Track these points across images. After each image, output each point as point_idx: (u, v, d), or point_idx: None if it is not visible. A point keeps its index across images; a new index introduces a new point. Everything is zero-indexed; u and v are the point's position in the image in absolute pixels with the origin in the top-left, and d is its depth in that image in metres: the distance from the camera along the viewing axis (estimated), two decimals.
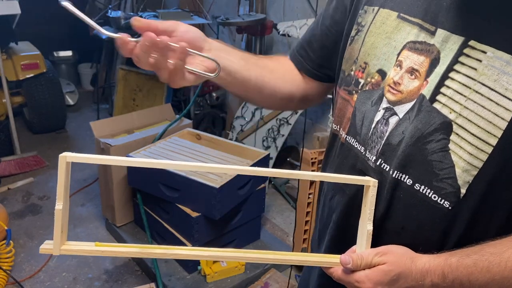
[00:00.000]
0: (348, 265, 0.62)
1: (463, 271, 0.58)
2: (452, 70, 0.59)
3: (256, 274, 2.01)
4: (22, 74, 3.14)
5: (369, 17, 0.70)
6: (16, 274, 2.02)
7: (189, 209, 1.89)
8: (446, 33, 0.59)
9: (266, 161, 2.09)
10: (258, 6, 2.83)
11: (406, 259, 0.61)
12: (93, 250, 0.60)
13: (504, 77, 0.54)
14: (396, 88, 0.64)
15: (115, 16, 3.27)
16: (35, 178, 2.86)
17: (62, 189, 0.54)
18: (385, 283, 0.60)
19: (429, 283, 0.60)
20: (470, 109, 0.57)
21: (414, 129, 0.62)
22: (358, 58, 0.71)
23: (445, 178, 0.60)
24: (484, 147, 0.56)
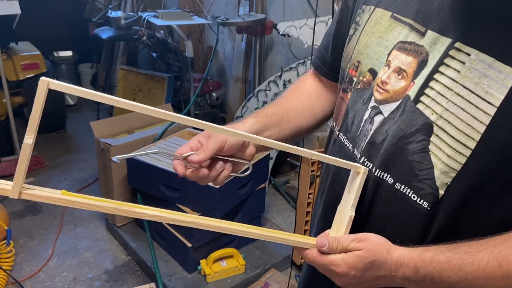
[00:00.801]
0: (323, 248, 0.62)
1: (435, 267, 0.58)
2: (437, 71, 0.59)
3: (256, 274, 2.01)
4: (22, 74, 3.14)
5: (365, 16, 0.71)
6: (16, 274, 2.02)
7: (189, 209, 1.89)
8: (435, 35, 0.59)
9: (266, 161, 2.09)
10: (258, 6, 2.83)
11: (382, 248, 0.61)
12: (59, 198, 0.53)
13: (485, 80, 0.54)
14: (383, 87, 0.65)
15: (115, 16, 3.27)
16: (35, 178, 2.86)
17: (37, 119, 0.47)
18: (359, 269, 0.60)
19: (401, 275, 0.60)
20: (450, 111, 0.57)
21: (397, 129, 0.62)
22: (352, 57, 0.72)
23: (424, 178, 0.60)
24: (463, 150, 0.56)
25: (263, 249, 2.16)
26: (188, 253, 1.93)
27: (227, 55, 3.63)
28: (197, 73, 3.49)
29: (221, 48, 3.64)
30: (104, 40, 3.23)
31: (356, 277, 0.61)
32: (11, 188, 0.50)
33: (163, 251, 2.10)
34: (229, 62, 3.57)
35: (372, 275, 0.61)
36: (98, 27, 3.56)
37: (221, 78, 3.70)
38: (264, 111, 0.79)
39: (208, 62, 2.95)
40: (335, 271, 0.61)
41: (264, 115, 0.78)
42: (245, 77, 3.19)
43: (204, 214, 1.84)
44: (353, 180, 0.66)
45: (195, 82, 3.21)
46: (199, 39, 3.68)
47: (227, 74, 3.66)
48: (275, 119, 0.78)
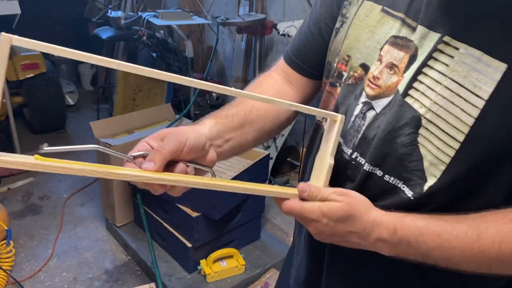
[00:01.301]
0: (304, 193, 0.62)
1: (414, 230, 0.57)
2: (426, 65, 0.59)
3: (256, 274, 2.01)
4: (22, 74, 3.14)
5: (353, 9, 0.69)
6: (16, 274, 2.02)
7: (189, 209, 1.89)
8: (424, 30, 0.59)
9: (266, 161, 2.09)
10: (258, 6, 2.83)
11: (362, 205, 0.61)
12: (32, 164, 0.49)
13: (473, 74, 0.54)
14: (375, 82, 0.64)
15: (115, 16, 3.27)
16: (35, 178, 2.86)
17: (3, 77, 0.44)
18: (333, 218, 0.60)
19: (376, 235, 0.59)
20: (439, 104, 0.57)
21: (386, 123, 0.62)
22: (341, 51, 0.70)
23: (413, 169, 0.60)
24: (452, 143, 0.57)
25: (263, 249, 2.16)
26: (188, 253, 1.93)
27: (227, 55, 3.63)
28: (197, 73, 3.49)
29: (221, 48, 3.64)
30: (104, 40, 3.24)
31: (328, 227, 0.60)
32: None
33: (163, 251, 2.10)
34: (229, 62, 3.57)
35: (345, 228, 0.60)
36: (98, 27, 3.56)
37: (221, 78, 3.70)
38: (223, 112, 0.72)
39: (208, 62, 2.95)
40: (308, 217, 0.61)
41: (224, 116, 0.71)
42: (245, 77, 3.19)
43: (204, 214, 1.85)
44: (330, 129, 0.66)
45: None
46: (199, 39, 3.68)
47: (227, 74, 3.66)
48: (237, 120, 0.72)
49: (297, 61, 0.81)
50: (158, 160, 0.56)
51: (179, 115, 2.52)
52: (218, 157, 0.66)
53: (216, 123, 0.69)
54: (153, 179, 0.55)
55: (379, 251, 0.61)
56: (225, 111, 0.73)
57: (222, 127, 0.69)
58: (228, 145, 0.70)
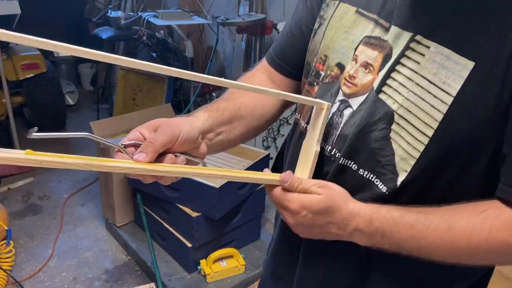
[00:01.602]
0: (285, 183, 0.63)
1: (389, 220, 0.59)
2: (399, 63, 0.61)
3: (256, 274, 2.01)
4: (22, 74, 3.14)
5: (330, 11, 0.72)
6: (16, 274, 2.02)
7: (189, 209, 1.89)
8: (398, 30, 0.61)
9: (266, 161, 2.09)
10: (258, 6, 2.83)
11: (340, 197, 0.62)
12: (24, 159, 0.48)
13: (443, 71, 0.56)
14: (351, 81, 0.66)
15: (115, 16, 3.27)
16: (35, 178, 2.86)
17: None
18: (312, 210, 0.61)
19: (353, 226, 0.61)
20: (411, 100, 0.59)
21: (360, 118, 0.64)
22: (319, 51, 0.72)
23: (386, 164, 0.62)
24: (422, 138, 0.58)
25: (263, 249, 2.16)
26: (188, 253, 1.93)
27: (227, 55, 3.63)
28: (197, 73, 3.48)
29: (221, 48, 3.64)
30: (104, 40, 3.24)
31: (307, 218, 0.61)
32: None
33: (163, 251, 2.10)
34: (229, 62, 3.57)
35: (324, 220, 0.62)
36: (98, 27, 3.57)
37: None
38: (214, 106, 0.73)
39: (208, 62, 2.95)
40: (288, 207, 0.62)
41: (215, 109, 0.71)
42: None
43: (204, 214, 1.85)
44: (317, 117, 0.67)
45: (195, 82, 3.21)
46: (199, 39, 3.68)
47: (227, 74, 3.66)
48: (227, 114, 0.72)
49: (279, 62, 0.83)
50: (150, 152, 0.56)
51: (179, 115, 2.52)
52: (208, 150, 0.67)
53: (209, 116, 0.69)
54: (146, 171, 0.55)
55: (356, 241, 0.63)
56: (216, 105, 0.73)
57: (214, 120, 0.69)
58: (218, 139, 0.70)
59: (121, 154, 0.57)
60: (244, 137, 0.78)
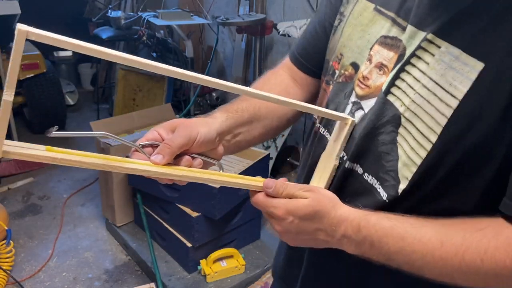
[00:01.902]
0: (269, 189, 0.60)
1: (378, 230, 0.56)
2: (409, 63, 0.58)
3: (256, 274, 2.01)
4: (22, 74, 3.14)
5: (349, 7, 0.70)
6: (16, 274, 2.02)
7: (189, 209, 1.89)
8: (413, 30, 0.59)
9: (266, 161, 2.09)
10: (258, 6, 2.83)
11: (329, 201, 0.59)
12: (44, 156, 0.48)
13: (450, 72, 0.53)
14: (364, 82, 0.64)
15: (115, 16, 3.27)
16: (35, 178, 2.86)
17: (16, 74, 0.43)
18: (298, 216, 0.58)
19: (341, 232, 0.58)
20: (417, 103, 0.56)
21: (368, 121, 0.61)
22: (336, 49, 0.71)
23: (389, 170, 0.59)
24: (425, 144, 0.55)
25: (263, 249, 2.16)
26: (188, 253, 1.93)
27: (227, 55, 3.63)
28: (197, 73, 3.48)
29: (221, 48, 3.64)
30: (104, 40, 3.23)
31: (294, 224, 0.59)
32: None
33: (163, 251, 2.10)
34: (229, 62, 3.57)
35: (312, 226, 0.59)
36: (98, 27, 3.57)
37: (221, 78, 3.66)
38: (234, 106, 0.72)
39: (208, 62, 2.95)
40: (273, 213, 0.60)
41: (234, 110, 0.71)
42: (245, 77, 3.19)
43: (204, 214, 1.85)
44: (340, 130, 0.65)
45: None
46: (199, 39, 3.68)
47: (227, 74, 3.66)
48: (247, 116, 0.72)
49: (302, 60, 0.81)
50: (167, 154, 0.56)
51: (179, 115, 2.52)
52: (225, 151, 0.67)
53: (228, 117, 0.68)
54: (162, 174, 0.56)
55: (345, 249, 0.60)
56: (235, 105, 0.72)
57: (233, 122, 0.69)
58: (236, 140, 0.70)
59: (138, 153, 0.57)
60: (263, 138, 0.78)
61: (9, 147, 0.47)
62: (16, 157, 0.47)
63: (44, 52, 3.38)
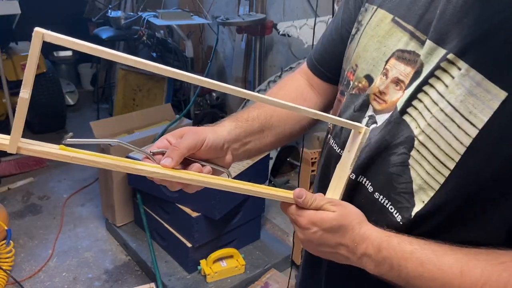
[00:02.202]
0: (299, 199, 0.60)
1: (398, 253, 0.55)
2: (427, 83, 0.55)
3: (256, 274, 2.01)
4: (22, 74, 3.13)
5: (367, 16, 0.67)
6: (16, 274, 2.02)
7: (189, 209, 1.89)
8: (432, 45, 0.55)
9: (266, 161, 2.09)
10: (258, 6, 2.83)
11: (355, 218, 0.59)
12: (57, 154, 0.50)
13: (470, 99, 0.51)
14: (382, 97, 0.62)
15: (115, 16, 3.27)
16: (35, 178, 2.86)
17: (32, 74, 0.44)
18: (323, 227, 0.58)
19: (362, 250, 0.58)
20: (433, 127, 0.54)
21: (381, 139, 0.60)
22: (351, 59, 0.69)
23: (402, 192, 0.58)
24: (442, 169, 0.54)
25: (263, 249, 2.16)
26: (188, 253, 1.93)
27: (227, 55, 3.63)
28: (197, 73, 3.49)
29: (221, 48, 3.64)
30: (104, 40, 3.23)
31: (317, 235, 0.59)
32: (8, 143, 0.47)
33: (163, 251, 2.10)
34: (229, 62, 3.57)
35: (334, 239, 0.59)
36: (98, 27, 3.57)
37: (221, 78, 3.70)
38: (244, 115, 0.72)
39: (208, 62, 2.95)
40: (298, 222, 0.61)
41: (244, 119, 0.71)
42: (245, 77, 3.19)
43: (204, 214, 1.85)
44: (353, 140, 0.64)
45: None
46: (199, 39, 3.68)
47: (227, 74, 3.66)
48: (257, 125, 0.72)
49: (319, 66, 0.80)
50: (175, 156, 0.57)
51: (179, 115, 2.52)
52: (233, 159, 0.68)
53: (236, 126, 0.69)
54: (171, 177, 0.57)
55: (366, 267, 0.59)
56: (246, 114, 0.73)
57: (242, 131, 0.69)
58: (246, 148, 0.71)
59: (148, 160, 0.59)
60: (275, 145, 0.78)
61: (24, 144, 0.48)
62: (30, 153, 0.49)
63: (44, 52, 3.38)
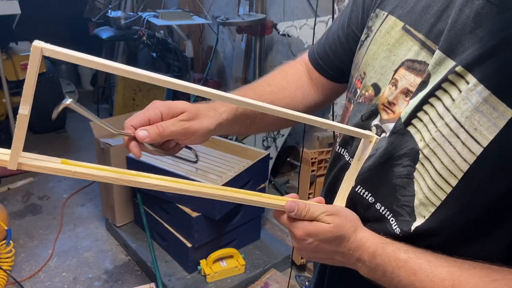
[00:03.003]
0: (291, 213, 0.59)
1: (392, 261, 0.55)
2: (434, 95, 0.53)
3: (256, 274, 2.01)
4: (22, 74, 3.14)
5: (377, 22, 0.65)
6: (16, 274, 2.02)
7: (189, 209, 1.89)
8: (441, 56, 0.53)
9: (266, 161, 2.09)
10: (258, 6, 2.83)
11: (351, 226, 0.59)
12: (59, 169, 0.49)
13: (476, 115, 0.49)
14: (391, 108, 0.61)
15: (115, 16, 3.27)
16: (35, 178, 2.86)
17: (31, 89, 0.44)
18: (319, 238, 0.58)
19: (358, 256, 0.58)
20: (437, 141, 0.53)
21: (384, 151, 0.59)
22: (360, 66, 0.67)
23: (404, 205, 0.57)
24: (444, 186, 0.52)
25: (263, 249, 2.16)
26: (188, 253, 1.93)
27: (227, 55, 3.63)
28: (197, 73, 3.49)
29: (221, 48, 3.64)
30: (104, 40, 3.24)
31: (313, 246, 0.59)
32: (8, 159, 0.46)
33: (163, 251, 2.10)
34: (229, 62, 3.57)
35: (330, 248, 0.59)
36: (98, 27, 3.57)
37: (221, 78, 3.70)
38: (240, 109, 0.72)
39: (208, 62, 2.95)
40: (293, 233, 0.60)
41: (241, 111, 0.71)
42: (245, 77, 3.19)
43: (204, 214, 1.85)
44: (364, 149, 0.63)
45: (195, 82, 3.21)
46: (199, 39, 3.68)
47: (227, 74, 3.66)
48: (250, 111, 0.71)
49: (321, 63, 0.79)
50: (155, 136, 0.59)
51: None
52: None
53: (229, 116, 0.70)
54: (175, 190, 0.56)
55: (360, 271, 0.60)
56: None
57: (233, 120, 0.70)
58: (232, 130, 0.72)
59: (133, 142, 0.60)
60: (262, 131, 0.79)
61: (25, 160, 0.48)
62: (32, 169, 0.48)
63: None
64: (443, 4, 0.55)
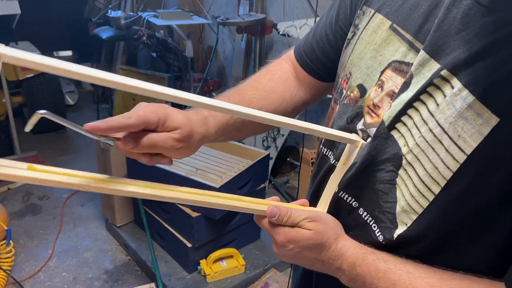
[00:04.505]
0: (272, 218, 0.58)
1: (371, 272, 0.54)
2: (418, 99, 0.51)
3: (256, 274, 2.01)
4: (22, 74, 3.14)
5: (364, 20, 0.63)
6: (16, 274, 2.02)
7: (189, 209, 1.89)
8: (425, 57, 0.51)
9: (266, 161, 2.09)
10: (258, 6, 2.83)
11: (332, 234, 0.58)
12: (24, 177, 0.44)
13: (460, 122, 0.47)
14: (375, 111, 0.59)
15: (115, 16, 3.27)
16: None
17: None
18: (300, 245, 0.57)
19: (338, 265, 0.57)
20: (421, 147, 0.51)
21: (367, 155, 0.57)
22: (346, 66, 0.65)
23: (386, 211, 0.56)
24: (427, 193, 0.51)
25: (263, 249, 2.16)
26: (188, 253, 1.92)
27: (227, 55, 3.63)
28: (197, 73, 3.49)
29: (221, 48, 3.64)
30: (104, 40, 3.23)
31: (294, 252, 0.58)
32: None
33: (163, 251, 2.10)
34: (229, 62, 3.57)
35: (311, 256, 0.58)
36: (98, 27, 3.56)
37: (221, 78, 3.70)
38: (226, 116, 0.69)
39: (208, 62, 2.95)
40: (274, 238, 0.59)
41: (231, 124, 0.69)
42: (245, 77, 3.18)
43: (204, 214, 1.85)
44: (350, 153, 0.62)
45: (195, 82, 3.21)
46: (199, 39, 3.68)
47: (227, 74, 3.66)
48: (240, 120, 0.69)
49: (308, 61, 0.76)
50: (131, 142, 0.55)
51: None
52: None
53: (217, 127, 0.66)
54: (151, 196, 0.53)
55: (339, 278, 0.59)
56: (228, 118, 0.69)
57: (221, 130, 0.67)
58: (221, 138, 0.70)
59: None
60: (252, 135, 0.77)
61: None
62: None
63: (44, 52, 3.38)
64: (432, 4, 0.53)
